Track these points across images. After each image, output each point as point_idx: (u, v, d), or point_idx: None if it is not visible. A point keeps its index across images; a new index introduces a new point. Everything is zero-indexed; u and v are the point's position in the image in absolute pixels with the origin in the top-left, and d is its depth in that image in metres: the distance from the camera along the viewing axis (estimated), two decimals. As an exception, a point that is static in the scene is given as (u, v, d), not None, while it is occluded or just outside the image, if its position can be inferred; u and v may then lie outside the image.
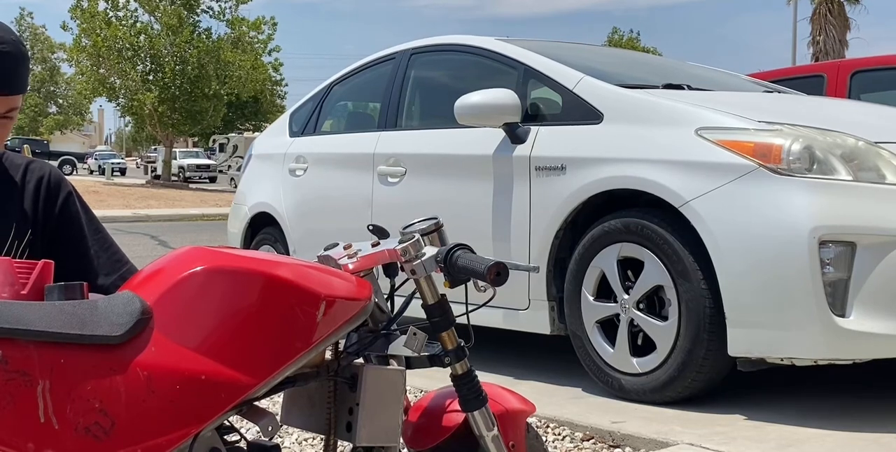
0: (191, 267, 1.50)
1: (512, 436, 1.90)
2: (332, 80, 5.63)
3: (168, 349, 1.44)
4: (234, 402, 1.47)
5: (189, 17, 30.18)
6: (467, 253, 1.68)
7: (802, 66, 9.53)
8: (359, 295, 1.62)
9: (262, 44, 33.08)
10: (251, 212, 5.64)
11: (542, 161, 3.92)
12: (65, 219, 1.94)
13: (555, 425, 3.35)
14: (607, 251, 3.66)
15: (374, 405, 1.73)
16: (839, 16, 30.87)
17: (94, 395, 1.38)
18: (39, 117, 53.03)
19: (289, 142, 5.59)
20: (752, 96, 4.45)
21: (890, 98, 5.95)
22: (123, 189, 26.49)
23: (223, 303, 1.49)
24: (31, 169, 1.95)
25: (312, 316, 1.54)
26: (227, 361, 1.46)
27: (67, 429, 1.37)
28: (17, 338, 1.36)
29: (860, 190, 3.26)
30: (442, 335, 1.78)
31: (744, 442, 3.02)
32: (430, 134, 4.63)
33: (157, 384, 1.41)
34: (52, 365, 1.37)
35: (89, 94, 32.83)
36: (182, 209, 20.01)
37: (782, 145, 3.30)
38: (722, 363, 3.40)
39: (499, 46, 4.50)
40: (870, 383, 3.90)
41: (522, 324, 4.05)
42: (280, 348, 1.51)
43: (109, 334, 1.41)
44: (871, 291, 3.14)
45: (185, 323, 1.47)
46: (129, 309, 1.45)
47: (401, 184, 4.59)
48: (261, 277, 1.51)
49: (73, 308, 1.44)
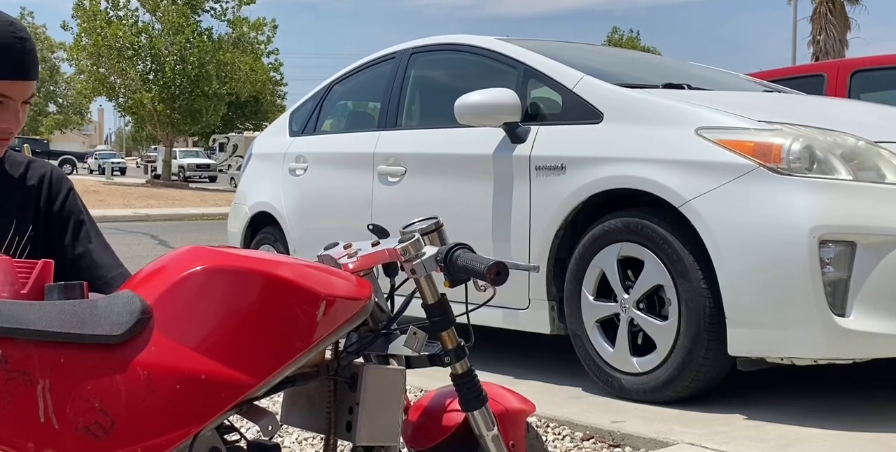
0: (191, 267, 1.50)
1: (512, 436, 1.90)
2: (332, 80, 5.63)
3: (168, 348, 1.44)
4: (234, 402, 1.47)
5: (191, 17, 30.18)
6: (467, 253, 1.68)
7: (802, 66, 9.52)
8: (359, 294, 1.62)
9: (263, 45, 33.11)
10: (251, 211, 5.64)
11: (542, 160, 3.92)
12: (68, 215, 1.94)
13: (555, 424, 3.35)
14: (607, 250, 3.66)
15: (374, 404, 1.73)
16: (839, 15, 30.88)
17: (94, 395, 1.38)
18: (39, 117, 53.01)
19: (289, 141, 5.59)
20: (752, 96, 4.45)
21: (890, 98, 5.94)
22: (123, 188, 26.49)
23: (223, 303, 1.49)
24: (32, 167, 1.95)
25: (312, 315, 1.54)
26: (227, 361, 1.46)
27: (67, 429, 1.37)
28: (18, 338, 1.36)
29: (860, 189, 3.26)
30: (442, 334, 1.77)
31: (744, 442, 3.02)
32: (430, 133, 4.63)
33: (157, 383, 1.41)
34: (52, 365, 1.37)
35: (89, 94, 32.83)
36: (182, 208, 20.02)
37: (782, 145, 3.30)
38: (722, 362, 3.40)
39: (499, 46, 4.50)
40: (870, 383, 3.90)
41: (522, 324, 4.05)
42: (280, 347, 1.51)
43: (109, 333, 1.41)
44: (871, 291, 3.14)
45: (186, 322, 1.47)
46: (129, 308, 1.45)
47: (401, 183, 4.59)
48: (261, 277, 1.51)
49: (73, 307, 1.44)
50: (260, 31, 32.43)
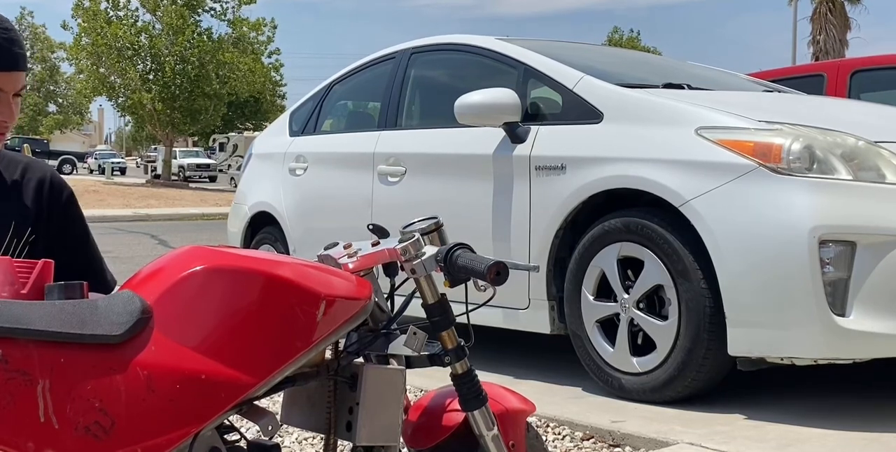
0: (191, 267, 1.50)
1: (512, 436, 1.90)
2: (332, 80, 5.63)
3: (168, 348, 1.44)
4: (234, 401, 1.47)
5: (191, 17, 30.17)
6: (467, 253, 1.68)
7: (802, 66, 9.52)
8: (359, 294, 1.62)
9: (263, 45, 33.11)
10: (251, 211, 5.64)
11: (542, 160, 3.92)
12: (70, 217, 1.95)
13: (555, 424, 3.35)
14: (607, 250, 3.66)
15: (374, 404, 1.73)
16: (839, 15, 30.89)
17: (94, 394, 1.38)
18: (39, 116, 52.97)
19: (289, 141, 5.59)
20: (752, 96, 4.45)
21: (890, 98, 5.94)
22: (123, 188, 26.48)
23: (223, 303, 1.49)
24: (30, 168, 1.95)
25: (312, 315, 1.54)
26: (227, 360, 1.46)
27: (67, 428, 1.37)
28: (18, 338, 1.36)
29: (860, 189, 3.26)
30: (442, 334, 1.77)
31: (744, 442, 3.02)
32: (430, 133, 4.63)
33: (157, 383, 1.41)
34: (52, 365, 1.37)
35: (89, 94, 32.84)
36: (182, 208, 20.02)
37: (782, 144, 3.30)
38: (722, 362, 3.40)
39: (499, 46, 4.50)
40: (870, 383, 3.90)
41: (522, 324, 4.05)
42: (280, 347, 1.51)
43: (109, 333, 1.41)
44: (871, 291, 3.14)
45: (186, 322, 1.47)
46: (129, 308, 1.45)
47: (401, 183, 4.59)
48: (261, 276, 1.51)
49: (73, 307, 1.44)
50: (260, 31, 32.43)
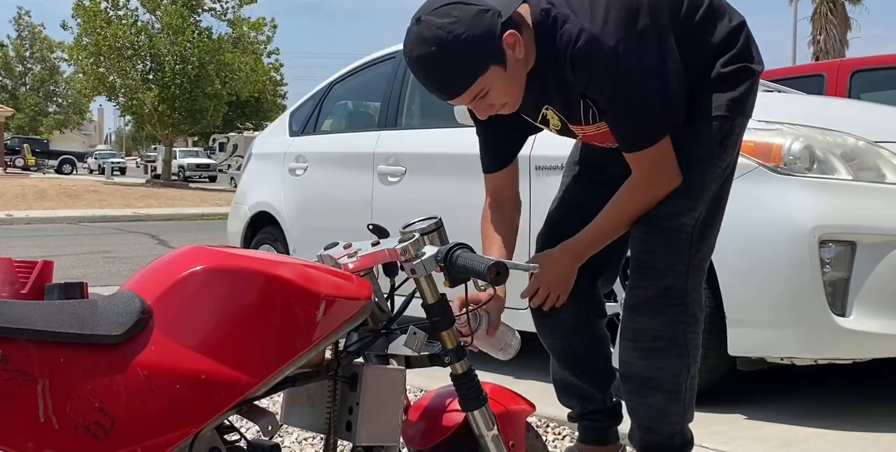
0: (191, 267, 1.50)
1: (512, 436, 1.90)
2: (332, 80, 5.63)
3: (168, 348, 1.44)
4: (234, 401, 1.47)
5: (190, 17, 30.17)
6: (467, 253, 1.68)
7: (802, 66, 9.51)
8: (359, 294, 1.62)
9: (263, 45, 33.11)
10: (251, 211, 5.64)
11: (541, 160, 3.92)
12: None
13: (555, 424, 3.35)
14: (607, 250, 3.65)
15: (374, 404, 1.73)
16: (840, 15, 30.87)
17: (93, 394, 1.38)
18: (39, 116, 52.96)
19: (289, 141, 5.58)
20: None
21: (890, 98, 5.94)
22: (123, 188, 26.48)
23: (223, 303, 1.49)
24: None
25: (312, 315, 1.54)
26: (227, 360, 1.46)
27: (67, 428, 1.37)
28: (17, 337, 1.36)
29: (860, 189, 3.26)
30: (442, 334, 1.77)
31: (744, 442, 3.02)
32: (430, 133, 4.62)
33: (156, 383, 1.41)
34: (52, 365, 1.37)
35: (89, 93, 32.84)
36: (182, 208, 20.01)
37: (782, 144, 3.30)
38: (722, 362, 3.39)
39: (499, 46, 4.49)
40: (870, 383, 3.90)
41: (522, 324, 4.04)
42: (280, 347, 1.51)
43: (109, 333, 1.41)
44: (871, 291, 3.14)
45: (185, 322, 1.47)
46: (128, 308, 1.45)
47: (401, 183, 4.58)
48: (261, 276, 1.51)
49: (73, 307, 1.44)
50: (260, 30, 32.42)
